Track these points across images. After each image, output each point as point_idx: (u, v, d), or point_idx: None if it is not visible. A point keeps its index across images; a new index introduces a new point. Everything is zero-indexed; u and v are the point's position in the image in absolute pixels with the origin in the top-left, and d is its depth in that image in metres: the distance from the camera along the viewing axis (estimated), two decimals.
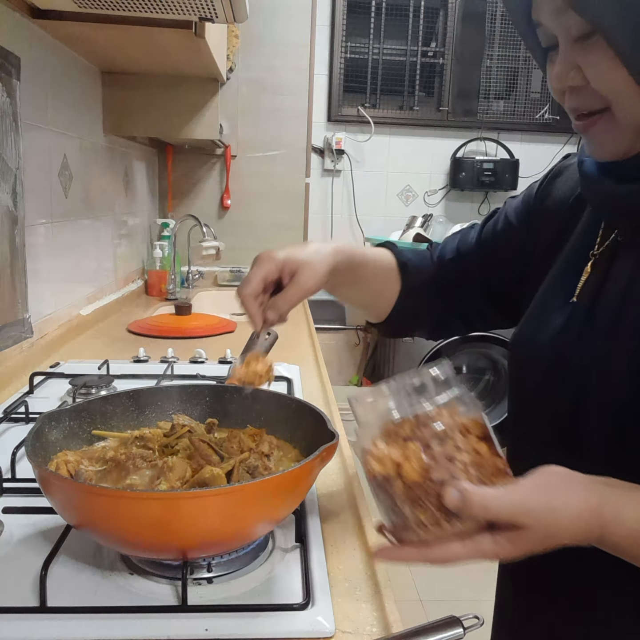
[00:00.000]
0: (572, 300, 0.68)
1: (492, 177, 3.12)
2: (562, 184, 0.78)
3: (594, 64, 0.58)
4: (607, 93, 0.58)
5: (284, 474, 0.61)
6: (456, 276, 0.85)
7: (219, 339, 1.82)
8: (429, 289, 0.87)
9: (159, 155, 2.88)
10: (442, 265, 0.87)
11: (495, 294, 0.83)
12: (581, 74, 0.59)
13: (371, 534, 0.76)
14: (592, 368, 0.63)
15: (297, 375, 1.39)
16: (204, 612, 0.60)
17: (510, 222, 0.82)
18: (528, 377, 0.72)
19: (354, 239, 3.23)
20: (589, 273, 0.68)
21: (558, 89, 0.62)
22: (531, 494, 0.50)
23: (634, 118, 0.58)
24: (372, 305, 0.90)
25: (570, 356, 0.66)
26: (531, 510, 0.49)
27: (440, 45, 3.16)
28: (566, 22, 0.58)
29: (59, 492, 0.61)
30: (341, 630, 0.60)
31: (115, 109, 2.00)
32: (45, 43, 1.47)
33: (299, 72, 2.92)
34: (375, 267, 0.85)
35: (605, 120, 0.60)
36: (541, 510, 0.49)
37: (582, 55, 0.58)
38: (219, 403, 0.86)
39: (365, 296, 0.89)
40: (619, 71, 0.56)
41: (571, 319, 0.68)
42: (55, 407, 0.91)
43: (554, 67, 0.62)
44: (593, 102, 0.60)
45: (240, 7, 1.27)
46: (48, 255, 1.52)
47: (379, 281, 0.86)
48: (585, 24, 0.56)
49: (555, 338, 0.68)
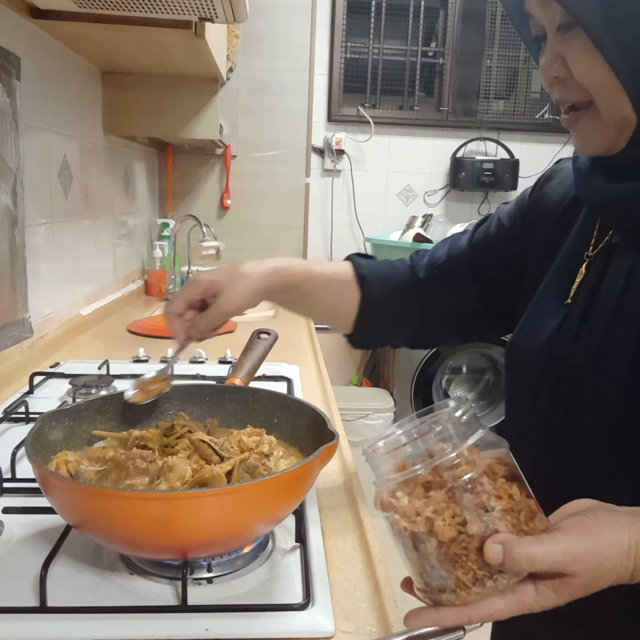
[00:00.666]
0: (566, 302, 0.68)
1: (492, 177, 3.12)
2: (554, 188, 0.78)
3: (576, 56, 0.58)
4: (589, 85, 0.58)
5: (284, 474, 0.61)
6: (448, 280, 0.84)
7: (219, 339, 1.80)
8: (402, 297, 0.86)
9: (159, 155, 2.88)
10: (433, 270, 0.85)
11: (489, 297, 0.82)
12: (565, 66, 0.60)
13: (371, 534, 0.76)
14: (589, 369, 0.63)
15: (297, 375, 1.39)
16: (204, 612, 0.60)
17: (504, 226, 0.82)
18: (524, 379, 0.72)
19: (354, 239, 3.23)
20: (583, 275, 0.68)
21: (547, 79, 0.63)
22: (576, 540, 0.46)
23: (614, 112, 0.58)
24: (332, 319, 0.89)
25: (566, 357, 0.66)
26: (579, 556, 0.46)
27: (440, 45, 3.16)
28: (551, 13, 0.59)
29: (59, 492, 0.61)
30: (341, 630, 0.60)
31: (115, 109, 2.00)
32: (45, 43, 1.47)
33: (299, 72, 2.92)
34: (325, 281, 0.84)
35: (590, 115, 0.60)
36: (589, 556, 0.46)
37: (565, 46, 0.59)
38: (219, 403, 0.86)
39: (319, 310, 0.89)
40: (599, 64, 0.57)
41: (567, 320, 0.67)
42: (55, 407, 0.91)
43: (542, 57, 0.62)
44: (577, 94, 0.60)
45: (240, 7, 1.27)
46: (48, 255, 1.52)
47: (332, 295, 0.85)
48: (567, 15, 0.57)
49: (550, 339, 0.68)
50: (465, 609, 0.46)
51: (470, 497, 0.46)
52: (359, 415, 2.70)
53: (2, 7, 1.23)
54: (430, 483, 0.47)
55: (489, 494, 0.46)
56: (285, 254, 3.04)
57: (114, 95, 1.99)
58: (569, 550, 0.46)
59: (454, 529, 0.45)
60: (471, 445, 0.47)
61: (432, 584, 0.47)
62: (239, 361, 0.94)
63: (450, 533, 0.45)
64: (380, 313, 0.86)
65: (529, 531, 0.47)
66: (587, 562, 0.46)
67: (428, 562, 0.46)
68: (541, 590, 0.46)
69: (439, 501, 0.46)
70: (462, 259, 0.83)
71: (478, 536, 0.45)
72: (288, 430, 0.81)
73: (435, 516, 0.45)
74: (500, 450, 0.49)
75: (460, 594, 0.46)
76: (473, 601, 0.46)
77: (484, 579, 0.45)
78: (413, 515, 0.46)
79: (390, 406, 2.77)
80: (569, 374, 0.65)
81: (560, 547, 0.45)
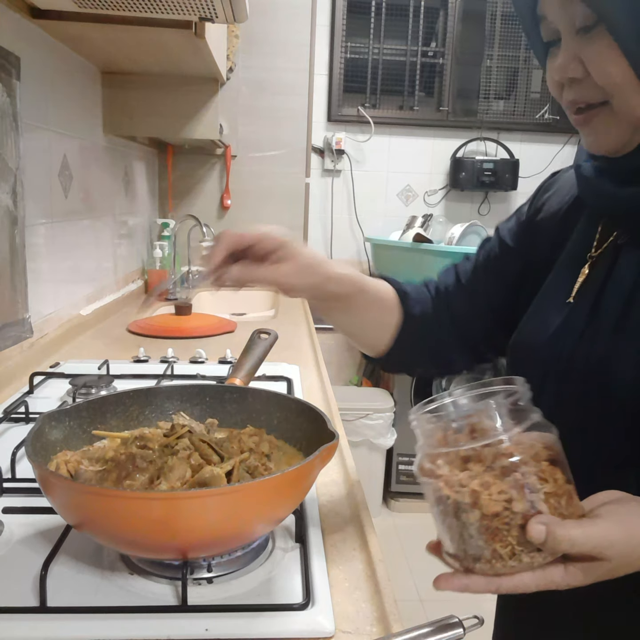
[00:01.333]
0: (568, 301, 0.68)
1: (492, 177, 3.12)
2: (551, 199, 0.79)
3: (596, 56, 0.58)
4: (607, 85, 0.58)
5: (284, 474, 0.61)
6: (460, 305, 0.84)
7: (219, 339, 1.81)
8: (430, 322, 0.84)
9: (159, 155, 2.88)
10: (445, 297, 0.85)
11: (502, 315, 0.82)
12: (582, 66, 0.59)
13: (371, 535, 0.76)
14: (597, 368, 0.63)
15: (297, 375, 1.39)
16: (204, 612, 0.60)
17: (506, 243, 0.82)
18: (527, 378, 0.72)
19: (354, 239, 3.23)
20: (586, 274, 0.68)
21: (557, 82, 0.63)
22: (613, 527, 0.49)
23: (632, 111, 0.59)
24: (367, 336, 0.86)
25: (570, 357, 0.66)
26: (615, 542, 0.48)
27: (440, 45, 3.16)
28: (572, 13, 0.58)
29: (59, 492, 0.61)
30: (341, 630, 0.59)
31: (115, 109, 2.00)
32: (45, 43, 1.47)
33: (299, 72, 2.92)
34: (373, 295, 0.82)
35: (604, 113, 0.60)
36: (623, 543, 0.49)
37: (584, 46, 0.59)
38: (219, 403, 0.86)
39: (360, 326, 0.85)
40: (619, 63, 0.57)
41: (569, 319, 0.68)
42: (55, 407, 0.91)
43: (554, 61, 0.62)
44: (592, 94, 0.60)
45: (240, 7, 1.27)
46: (48, 255, 1.52)
47: (376, 310, 0.83)
48: (589, 15, 0.57)
49: (553, 338, 0.68)
50: (495, 579, 0.48)
51: (518, 477, 0.48)
52: (359, 415, 2.70)
53: (2, 7, 1.23)
54: (470, 456, 0.49)
55: (536, 476, 0.48)
56: None
57: (114, 95, 1.99)
58: (607, 536, 0.48)
59: (499, 504, 0.47)
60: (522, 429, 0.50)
61: (467, 551, 0.49)
62: (239, 361, 0.94)
63: (495, 507, 0.47)
64: (415, 336, 0.84)
65: (568, 515, 0.49)
66: (621, 548, 0.48)
67: (467, 531, 0.48)
68: (570, 570, 0.48)
69: (484, 476, 0.48)
70: (472, 282, 0.84)
71: (521, 514, 0.47)
72: (288, 430, 0.81)
73: (482, 489, 0.48)
74: (548, 436, 0.51)
75: (495, 564, 0.48)
76: (505, 573, 0.48)
77: (521, 554, 0.48)
78: (457, 485, 0.49)
79: (390, 406, 2.77)
80: (573, 374, 0.65)
81: (599, 532, 0.48)
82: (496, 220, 3.32)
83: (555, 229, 0.76)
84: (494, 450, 0.49)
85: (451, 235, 2.75)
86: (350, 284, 0.78)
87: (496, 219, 3.32)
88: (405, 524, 2.78)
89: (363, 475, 0.89)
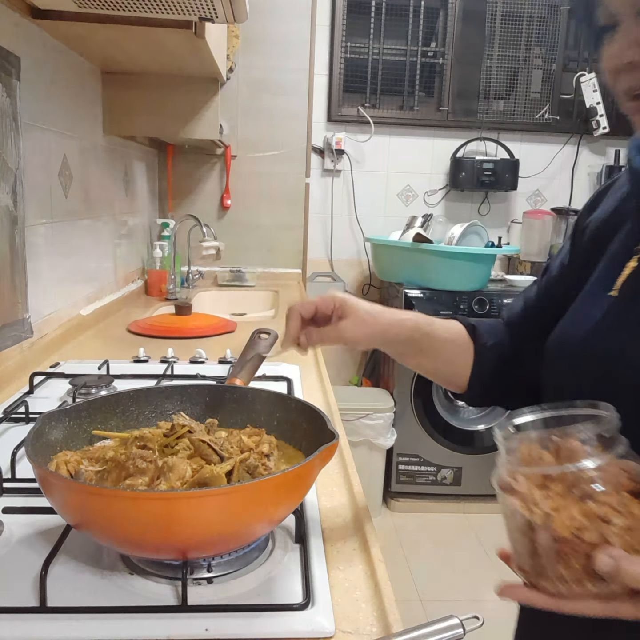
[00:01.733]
0: (609, 294, 0.67)
1: (492, 177, 3.12)
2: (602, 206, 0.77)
3: None
4: None
5: (284, 474, 0.61)
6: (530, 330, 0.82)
7: (219, 339, 1.81)
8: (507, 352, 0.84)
9: (159, 155, 2.88)
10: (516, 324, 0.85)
11: None
12: None
13: (371, 534, 0.76)
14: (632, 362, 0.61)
15: (297, 375, 1.39)
16: (204, 612, 0.60)
17: (563, 264, 0.81)
18: (560, 372, 0.70)
19: (354, 239, 3.23)
20: (632, 268, 0.66)
21: (615, 67, 0.61)
22: None
23: None
24: (446, 375, 0.87)
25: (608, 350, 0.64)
26: None
27: (440, 45, 3.16)
28: None
29: (59, 492, 0.61)
30: (341, 630, 0.60)
31: (115, 109, 2.00)
32: (45, 43, 1.47)
33: (299, 72, 2.92)
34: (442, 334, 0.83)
35: None
36: None
37: None
38: (219, 403, 0.86)
39: (435, 366, 0.86)
40: None
41: (609, 311, 0.66)
42: (55, 407, 0.91)
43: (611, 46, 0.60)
44: None
45: (240, 7, 1.27)
46: (48, 255, 1.52)
47: (448, 349, 0.84)
48: None
49: (590, 330, 0.67)
50: (561, 602, 0.48)
51: (593, 506, 0.47)
52: (359, 415, 2.70)
53: (2, 7, 1.23)
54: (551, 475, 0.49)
55: (611, 507, 0.47)
56: (286, 253, 3.04)
57: (114, 95, 2.00)
58: None
59: (568, 531, 0.47)
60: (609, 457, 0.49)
61: (534, 568, 0.49)
62: (239, 361, 0.94)
63: (565, 533, 0.47)
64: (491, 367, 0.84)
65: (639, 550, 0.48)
66: None
67: (535, 550, 0.48)
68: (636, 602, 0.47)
69: (559, 498, 0.48)
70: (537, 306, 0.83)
71: (591, 544, 0.46)
72: (288, 430, 0.81)
73: (554, 514, 0.47)
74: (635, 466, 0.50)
75: (558, 585, 0.48)
76: (567, 596, 0.48)
77: (583, 580, 0.47)
78: (531, 503, 0.48)
79: (390, 406, 2.77)
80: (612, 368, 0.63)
81: None
82: (496, 220, 3.33)
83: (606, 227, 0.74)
84: (577, 474, 0.48)
85: (451, 235, 2.75)
86: (414, 327, 0.81)
87: (496, 219, 3.32)
88: (405, 524, 2.78)
89: (363, 475, 0.89)
